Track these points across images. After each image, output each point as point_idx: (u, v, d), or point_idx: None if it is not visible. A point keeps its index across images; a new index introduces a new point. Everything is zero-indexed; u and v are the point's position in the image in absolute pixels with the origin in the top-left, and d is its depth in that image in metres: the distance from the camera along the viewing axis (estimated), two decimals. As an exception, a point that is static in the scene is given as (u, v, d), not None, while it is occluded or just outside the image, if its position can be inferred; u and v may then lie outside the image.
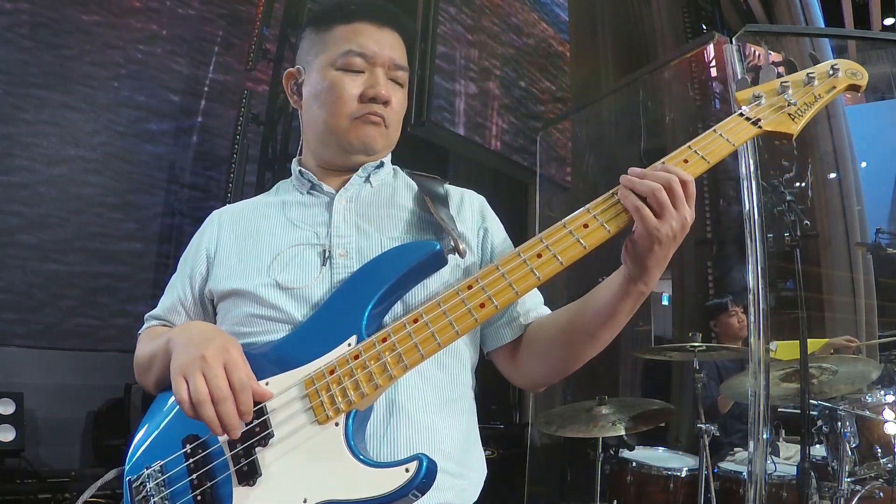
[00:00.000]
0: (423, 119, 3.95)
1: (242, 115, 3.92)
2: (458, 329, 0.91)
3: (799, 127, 0.97)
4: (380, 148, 1.13)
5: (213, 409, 0.86)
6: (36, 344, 3.30)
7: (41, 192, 3.41)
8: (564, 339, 1.03)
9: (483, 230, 1.15)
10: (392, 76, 1.13)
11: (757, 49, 3.06)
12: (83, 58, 3.62)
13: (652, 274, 0.92)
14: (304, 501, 0.86)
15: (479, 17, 4.60)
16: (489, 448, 4.01)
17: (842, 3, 7.00)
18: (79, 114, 3.61)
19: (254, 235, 1.12)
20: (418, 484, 0.83)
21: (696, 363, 2.84)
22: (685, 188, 0.88)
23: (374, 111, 1.09)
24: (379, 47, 1.11)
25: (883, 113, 5.74)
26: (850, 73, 1.02)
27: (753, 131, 0.96)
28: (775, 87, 1.00)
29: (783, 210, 2.62)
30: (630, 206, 0.88)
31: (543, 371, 1.08)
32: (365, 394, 0.90)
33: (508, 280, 0.91)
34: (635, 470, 2.93)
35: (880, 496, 2.44)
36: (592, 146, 4.73)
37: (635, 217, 0.88)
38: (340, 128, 1.11)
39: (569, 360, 1.04)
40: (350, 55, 1.10)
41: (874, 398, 2.59)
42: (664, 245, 0.88)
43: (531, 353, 1.08)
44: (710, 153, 0.93)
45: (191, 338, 0.95)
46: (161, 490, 0.95)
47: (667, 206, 0.87)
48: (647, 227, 0.87)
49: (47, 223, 3.42)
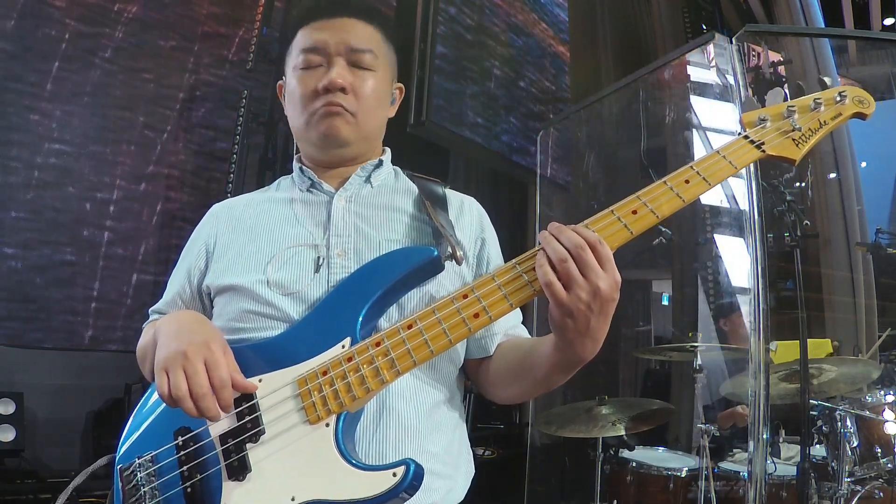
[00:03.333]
0: (423, 119, 3.95)
1: (242, 115, 3.92)
2: (451, 338, 0.91)
3: (802, 153, 0.98)
4: (349, 137, 1.12)
5: (193, 405, 0.87)
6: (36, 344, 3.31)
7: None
8: (518, 373, 1.03)
9: (480, 240, 1.15)
10: (354, 60, 1.11)
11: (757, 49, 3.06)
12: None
13: (577, 347, 0.86)
14: (292, 500, 0.87)
15: (479, 17, 4.60)
16: (489, 448, 4.01)
17: (842, 3, 7.00)
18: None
19: (253, 231, 1.13)
20: (405, 488, 0.84)
21: (697, 363, 2.85)
22: (596, 252, 0.81)
23: (330, 101, 1.08)
24: (331, 37, 1.10)
25: (883, 113, 5.73)
26: (857, 101, 1.02)
27: (756, 155, 0.97)
28: (781, 112, 1.01)
29: (783, 210, 2.62)
30: (542, 279, 0.83)
31: (506, 392, 1.08)
32: (356, 397, 0.91)
33: (504, 292, 0.91)
34: (635, 470, 2.93)
35: (880, 496, 2.44)
36: (592, 146, 4.73)
37: (546, 292, 0.83)
38: (306, 125, 1.12)
39: (525, 391, 1.04)
40: (305, 53, 1.11)
41: (874, 398, 2.59)
42: (578, 318, 0.82)
43: (498, 372, 1.08)
44: (711, 175, 0.94)
45: (174, 331, 0.96)
46: (151, 480, 0.96)
47: (573, 277, 0.81)
48: (553, 300, 0.82)
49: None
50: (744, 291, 3.58)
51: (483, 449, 3.94)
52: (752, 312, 2.56)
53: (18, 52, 3.31)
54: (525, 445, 3.98)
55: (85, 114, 3.54)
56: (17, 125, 3.31)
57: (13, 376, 3.12)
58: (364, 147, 1.16)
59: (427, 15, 4.10)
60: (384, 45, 1.16)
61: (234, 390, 0.91)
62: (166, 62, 3.91)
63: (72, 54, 3.50)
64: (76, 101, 3.50)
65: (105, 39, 3.63)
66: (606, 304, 0.82)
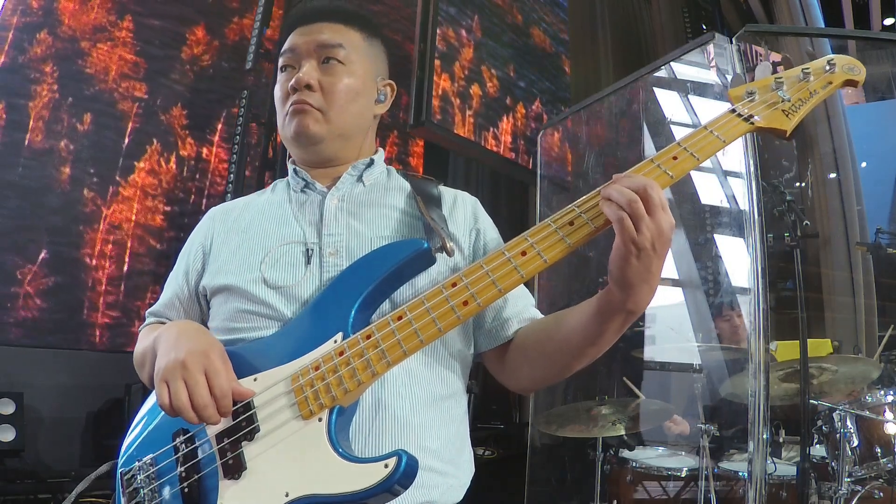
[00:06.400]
0: (422, 119, 3.95)
1: (242, 115, 3.92)
2: (440, 326, 0.91)
3: (793, 123, 0.95)
4: (319, 133, 1.12)
5: (195, 415, 0.89)
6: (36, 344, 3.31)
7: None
8: (550, 352, 1.03)
9: (475, 231, 1.15)
10: (325, 55, 1.13)
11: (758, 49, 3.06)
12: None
13: (637, 292, 0.88)
14: (286, 495, 0.87)
15: (479, 17, 4.60)
16: (489, 448, 4.01)
17: (842, 3, 7.00)
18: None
19: (247, 232, 1.14)
20: (397, 480, 0.83)
21: (697, 363, 2.85)
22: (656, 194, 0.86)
23: (297, 99, 1.11)
24: (302, 38, 1.14)
25: (883, 113, 5.73)
26: (846, 69, 0.99)
27: (746, 128, 0.95)
28: (769, 84, 0.99)
29: (783, 210, 2.62)
30: (612, 215, 0.86)
31: (531, 377, 1.08)
32: (348, 390, 0.91)
33: (492, 277, 0.91)
34: (635, 470, 2.93)
35: (880, 496, 2.44)
36: (592, 146, 4.72)
37: (615, 228, 0.86)
38: (282, 126, 1.15)
39: (555, 371, 1.04)
40: (281, 57, 1.15)
41: (874, 398, 2.58)
42: (644, 257, 0.85)
43: (519, 359, 1.08)
44: (700, 150, 0.92)
45: (173, 340, 0.97)
46: (150, 482, 0.97)
47: (642, 216, 0.84)
48: (623, 237, 0.85)
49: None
50: (744, 291, 3.58)
51: (483, 449, 3.93)
52: (752, 312, 2.56)
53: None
54: (525, 445, 3.98)
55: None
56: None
57: (13, 376, 3.12)
58: (340, 144, 1.16)
59: (427, 14, 4.11)
60: (362, 42, 1.18)
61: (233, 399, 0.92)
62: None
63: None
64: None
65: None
66: (666, 245, 0.86)
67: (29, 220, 3.34)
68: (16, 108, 3.33)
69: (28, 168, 3.35)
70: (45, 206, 3.41)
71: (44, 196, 3.41)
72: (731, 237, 4.18)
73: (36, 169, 3.39)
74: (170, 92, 3.95)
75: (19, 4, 3.39)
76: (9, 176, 3.28)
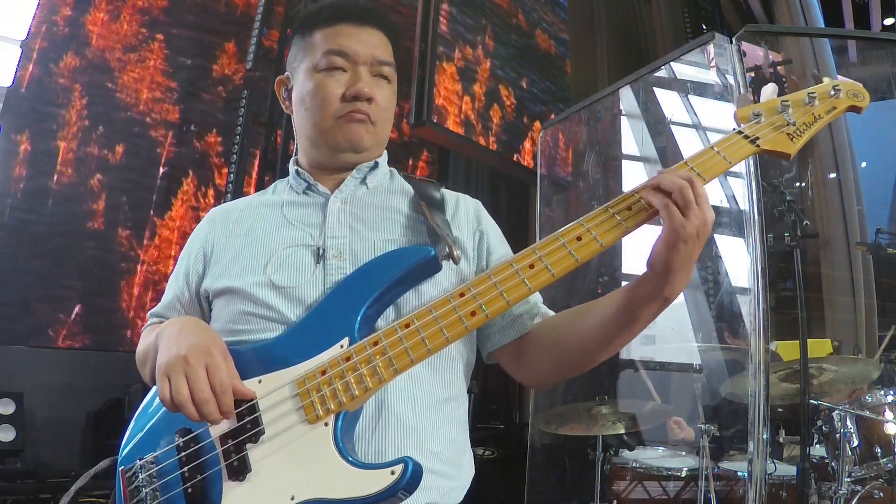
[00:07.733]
0: (423, 119, 3.95)
1: (242, 116, 3.92)
2: (448, 336, 0.92)
3: (797, 147, 0.98)
4: (368, 145, 1.13)
5: (195, 410, 0.88)
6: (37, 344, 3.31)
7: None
8: (573, 343, 1.03)
9: (479, 233, 1.15)
10: (376, 71, 1.13)
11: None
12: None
13: (676, 278, 0.91)
14: (292, 499, 0.87)
15: (479, 17, 4.60)
16: (489, 448, 4.01)
17: (842, 3, 7.00)
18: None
19: (249, 234, 1.13)
20: (403, 486, 0.84)
21: (696, 363, 2.85)
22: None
23: (357, 108, 1.10)
24: (360, 46, 1.12)
25: (883, 113, 5.72)
26: (851, 94, 1.02)
27: (751, 150, 0.97)
28: (775, 106, 1.00)
29: (783, 210, 2.62)
30: (659, 203, 0.89)
31: (550, 370, 1.09)
32: (355, 396, 0.91)
33: (500, 289, 0.93)
34: (635, 470, 2.93)
35: (880, 496, 2.44)
36: (592, 146, 4.72)
37: (663, 215, 0.89)
38: (326, 128, 1.12)
39: (580, 362, 1.05)
40: (330, 55, 1.11)
41: (874, 398, 2.58)
42: (689, 244, 0.89)
43: (539, 353, 1.08)
44: (706, 170, 0.94)
45: (175, 336, 0.96)
46: (152, 481, 0.96)
47: (691, 203, 0.88)
48: (673, 223, 0.88)
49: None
50: (744, 291, 3.58)
51: (483, 449, 3.93)
52: (752, 312, 2.56)
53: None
54: (525, 445, 3.98)
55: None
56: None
57: (13, 376, 3.12)
58: (377, 153, 1.18)
59: (427, 14, 4.10)
60: (393, 56, 1.19)
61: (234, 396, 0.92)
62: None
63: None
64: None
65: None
66: (705, 236, 0.90)
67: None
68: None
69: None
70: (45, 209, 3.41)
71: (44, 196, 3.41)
72: (731, 237, 4.18)
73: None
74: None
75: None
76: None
